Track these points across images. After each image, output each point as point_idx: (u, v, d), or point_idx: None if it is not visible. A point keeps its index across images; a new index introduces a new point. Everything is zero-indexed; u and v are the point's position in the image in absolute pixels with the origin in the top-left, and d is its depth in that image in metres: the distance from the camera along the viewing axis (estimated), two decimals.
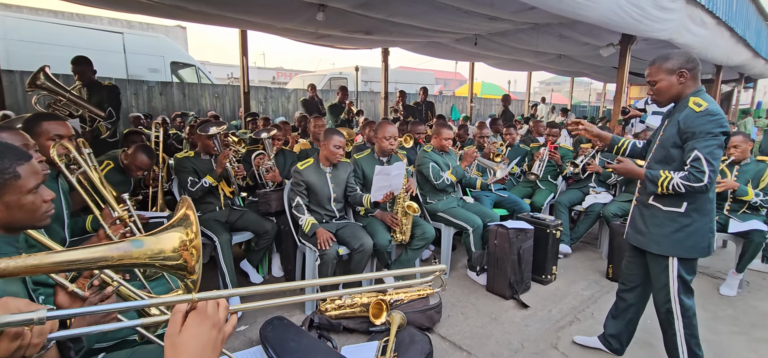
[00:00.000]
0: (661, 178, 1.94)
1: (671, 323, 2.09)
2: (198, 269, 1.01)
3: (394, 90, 9.56)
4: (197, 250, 1.00)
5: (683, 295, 2.05)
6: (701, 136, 1.85)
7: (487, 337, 2.71)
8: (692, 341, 2.07)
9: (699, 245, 1.98)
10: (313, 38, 6.53)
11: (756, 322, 2.94)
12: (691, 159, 1.86)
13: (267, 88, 10.42)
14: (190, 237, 1.00)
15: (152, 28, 11.03)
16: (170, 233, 0.99)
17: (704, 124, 1.85)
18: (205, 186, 3.11)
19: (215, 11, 4.91)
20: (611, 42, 5.68)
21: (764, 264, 3.77)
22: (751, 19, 6.72)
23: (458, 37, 6.58)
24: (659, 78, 2.01)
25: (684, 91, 1.99)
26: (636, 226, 2.18)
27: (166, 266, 0.99)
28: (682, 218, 1.98)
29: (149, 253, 0.95)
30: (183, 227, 1.01)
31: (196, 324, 0.78)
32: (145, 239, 0.96)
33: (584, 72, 11.22)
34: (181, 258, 0.98)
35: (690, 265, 2.05)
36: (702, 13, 4.93)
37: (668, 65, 1.98)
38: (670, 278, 2.05)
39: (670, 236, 2.00)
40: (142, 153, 3.00)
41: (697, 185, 1.84)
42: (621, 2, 3.89)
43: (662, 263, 2.06)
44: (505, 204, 4.14)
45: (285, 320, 2.48)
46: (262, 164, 3.50)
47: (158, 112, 7.58)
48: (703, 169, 1.83)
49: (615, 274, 3.56)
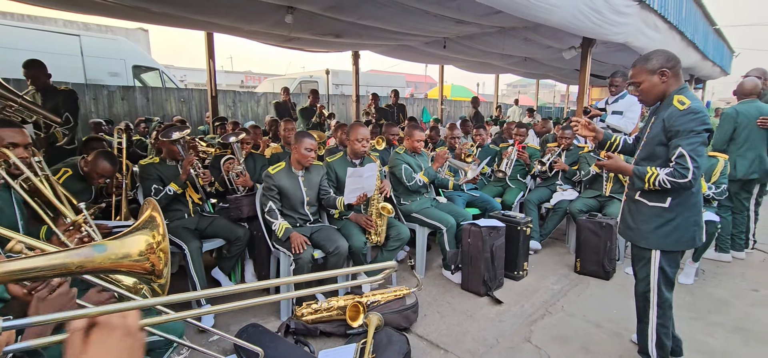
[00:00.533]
0: (647, 174, 1.98)
1: (646, 311, 2.19)
2: (166, 273, 0.98)
3: (365, 93, 9.58)
4: (165, 253, 0.96)
5: (663, 286, 2.12)
6: (685, 134, 1.89)
7: (463, 334, 2.75)
8: (662, 330, 2.17)
9: (682, 238, 2.05)
10: (283, 41, 6.45)
11: (711, 307, 3.12)
12: (676, 156, 1.90)
13: (236, 92, 10.20)
14: (157, 240, 0.96)
15: (112, 31, 10.57)
16: (135, 236, 0.95)
17: (688, 123, 1.89)
18: (170, 194, 3.01)
19: (180, 13, 4.76)
20: (573, 45, 5.91)
21: (717, 253, 4.01)
22: (698, 23, 7.17)
23: (428, 41, 6.67)
24: (642, 79, 2.05)
25: (668, 89, 2.03)
26: (626, 221, 2.25)
27: (132, 271, 0.95)
28: (667, 213, 2.04)
29: (113, 257, 0.91)
30: (149, 229, 0.97)
31: (103, 339, 0.68)
32: (109, 243, 0.92)
33: (549, 74, 11.62)
34: (148, 262, 0.95)
35: (672, 258, 2.12)
36: (655, 17, 5.22)
37: (649, 66, 2.03)
38: (652, 270, 2.13)
39: (656, 230, 2.07)
40: (103, 159, 2.86)
41: (682, 181, 1.88)
42: (581, 7, 4.06)
43: (646, 255, 2.14)
44: (477, 203, 4.23)
45: (260, 327, 2.43)
46: (231, 169, 3.41)
47: (120, 118, 7.28)
48: (688, 165, 1.87)
49: (583, 268, 3.70)
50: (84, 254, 0.88)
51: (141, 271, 0.96)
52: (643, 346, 2.25)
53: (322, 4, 4.56)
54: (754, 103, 3.85)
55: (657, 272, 2.12)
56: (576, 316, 2.99)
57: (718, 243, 3.99)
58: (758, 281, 3.58)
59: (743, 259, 4.07)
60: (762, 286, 3.49)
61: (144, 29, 12.18)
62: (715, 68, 9.30)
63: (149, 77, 9.16)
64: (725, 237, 3.98)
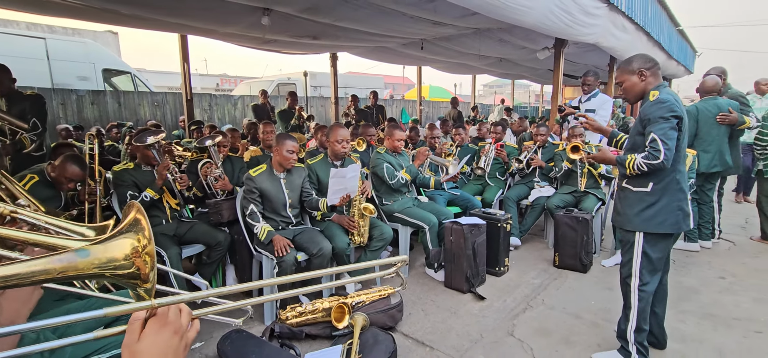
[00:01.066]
0: (627, 160, 2.17)
1: (628, 295, 2.29)
2: (152, 277, 0.96)
3: (344, 95, 9.56)
4: (151, 257, 0.94)
5: (645, 271, 2.23)
6: (655, 121, 2.09)
7: (448, 331, 2.78)
8: (641, 316, 2.26)
9: (666, 221, 2.17)
10: (259, 43, 6.37)
11: (682, 296, 3.26)
12: (649, 141, 2.09)
13: (212, 96, 10.00)
14: (143, 243, 0.94)
15: (79, 34, 10.19)
16: (120, 240, 0.93)
17: (656, 111, 2.10)
18: (146, 200, 2.93)
19: (151, 15, 4.64)
20: (546, 46, 6.08)
21: (686, 243, 4.19)
22: (663, 24, 7.48)
23: (405, 42, 6.72)
24: (624, 78, 2.27)
25: (647, 87, 2.22)
26: (616, 208, 2.40)
27: (117, 275, 0.92)
28: (649, 197, 2.19)
29: (97, 262, 0.88)
30: (134, 232, 0.95)
31: (155, 331, 0.74)
32: (92, 247, 0.90)
33: (523, 74, 11.89)
34: (134, 266, 0.93)
35: (655, 242, 2.22)
36: (623, 19, 5.43)
37: (630, 67, 2.25)
38: (635, 254, 2.25)
39: (639, 214, 2.21)
40: (71, 163, 2.76)
41: (655, 161, 2.05)
42: (553, 8, 4.19)
43: (630, 238, 2.27)
44: (458, 202, 4.28)
45: (244, 333, 2.39)
46: (209, 173, 3.35)
47: (90, 124, 7.03)
48: (659, 148, 2.04)
49: (561, 262, 3.80)
50: (67, 259, 0.86)
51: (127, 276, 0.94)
52: (622, 329, 2.34)
53: (299, 5, 4.54)
54: (714, 101, 4.05)
55: (640, 255, 2.23)
56: (556, 308, 3.07)
57: (687, 234, 4.17)
58: (724, 269, 3.76)
59: (710, 248, 4.27)
60: (728, 274, 3.66)
61: (113, 32, 11.80)
62: (679, 67, 9.71)
63: (120, 81, 8.88)
64: (693, 228, 4.16)
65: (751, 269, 3.75)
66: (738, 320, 2.87)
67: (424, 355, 2.53)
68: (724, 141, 4.01)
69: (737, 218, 5.38)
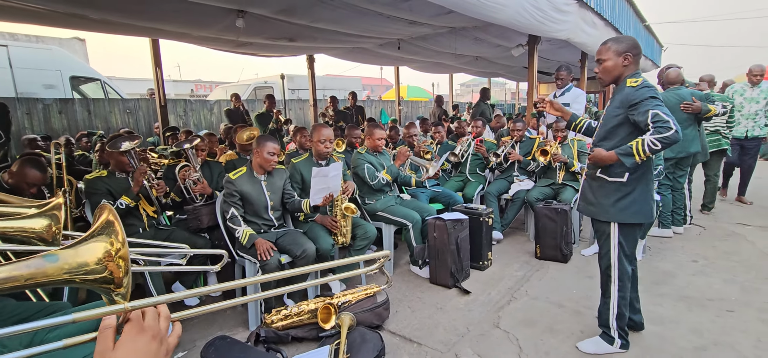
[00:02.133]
0: (633, 146, 2.05)
1: (609, 286, 2.34)
2: (127, 282, 0.92)
3: (322, 97, 9.50)
4: (125, 260, 0.90)
5: (624, 259, 2.28)
6: (646, 102, 2.04)
7: (434, 326, 2.79)
8: (622, 302, 2.33)
9: (641, 210, 2.21)
10: (234, 46, 6.27)
11: (658, 280, 3.37)
12: (651, 118, 2.00)
13: (186, 101, 9.76)
14: (116, 246, 0.90)
15: (43, 41, 9.79)
16: (91, 243, 0.89)
17: (645, 93, 2.06)
18: (122, 207, 2.84)
19: (121, 19, 4.51)
20: (520, 43, 6.20)
21: (660, 229, 4.34)
22: (630, 20, 7.72)
23: (382, 42, 6.73)
24: (607, 57, 2.20)
25: (625, 72, 2.19)
26: (586, 198, 2.39)
27: (89, 281, 0.88)
28: (625, 188, 2.20)
29: (67, 268, 0.84)
30: (106, 235, 0.91)
31: (132, 338, 0.68)
32: (62, 252, 0.85)
33: (499, 72, 12.08)
34: (107, 270, 0.89)
35: (629, 231, 2.27)
36: (592, 15, 5.58)
37: (619, 46, 2.18)
38: (612, 244, 2.28)
39: (615, 204, 2.23)
40: (29, 167, 2.64)
41: (668, 133, 1.96)
42: (525, 5, 4.28)
43: (606, 230, 2.30)
44: (440, 198, 4.31)
45: (228, 339, 2.34)
46: (188, 177, 3.27)
47: (59, 133, 6.75)
48: (666, 119, 1.98)
49: (543, 253, 3.87)
50: (34, 265, 0.82)
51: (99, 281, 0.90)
52: (604, 319, 2.39)
53: (274, 7, 4.49)
54: (677, 91, 4.22)
55: (617, 246, 2.28)
56: (539, 299, 3.13)
57: (661, 220, 4.32)
58: (696, 253, 3.91)
59: (682, 233, 4.43)
60: (700, 257, 3.81)
61: (80, 38, 11.40)
62: (647, 61, 10.06)
63: (89, 88, 8.56)
64: (666, 214, 4.31)
65: (721, 252, 3.91)
66: (711, 301, 2.99)
67: (412, 351, 2.54)
68: (687, 129, 4.17)
69: None
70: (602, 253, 2.36)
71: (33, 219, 1.45)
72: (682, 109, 4.12)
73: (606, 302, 2.38)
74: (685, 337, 2.55)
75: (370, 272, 1.18)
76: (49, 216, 1.48)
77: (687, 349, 2.43)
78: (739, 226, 4.66)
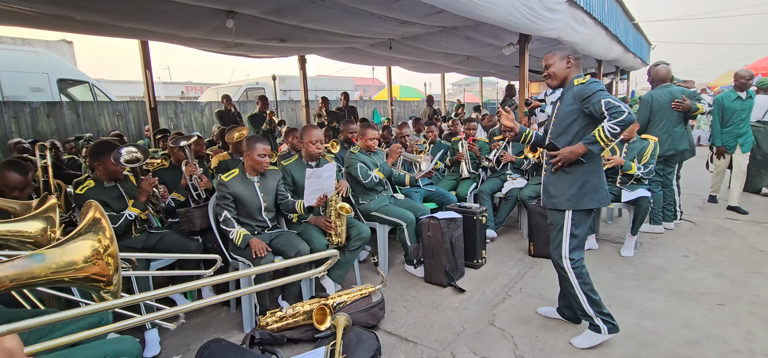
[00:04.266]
0: (595, 134, 2.21)
1: (566, 278, 2.42)
2: (116, 279, 0.90)
3: (315, 98, 9.46)
4: (114, 257, 0.89)
5: (573, 252, 2.38)
6: (596, 93, 2.21)
7: (430, 325, 2.79)
8: (586, 288, 2.40)
9: (596, 196, 2.35)
10: (225, 48, 6.21)
11: (651, 275, 3.41)
12: (604, 106, 2.16)
13: (177, 103, 9.66)
14: (105, 244, 0.88)
15: (29, 43, 9.63)
16: (79, 242, 0.87)
17: (594, 86, 2.24)
18: (131, 219, 2.81)
19: (109, 21, 4.44)
20: (511, 42, 6.23)
21: (651, 225, 4.39)
22: (620, 19, 7.81)
23: (373, 42, 6.72)
24: (553, 61, 2.41)
25: (570, 74, 2.40)
26: (548, 191, 2.49)
27: (78, 279, 0.86)
28: (582, 176, 2.34)
29: (54, 267, 0.82)
30: (94, 233, 0.89)
31: None
32: (48, 251, 0.84)
33: (490, 71, 12.13)
34: (96, 268, 0.87)
35: (584, 219, 2.38)
36: (582, 14, 5.63)
37: (559, 53, 2.42)
38: (564, 234, 2.39)
39: (576, 193, 2.34)
40: (10, 170, 2.57)
41: (625, 116, 2.11)
42: (516, 4, 4.29)
43: (561, 219, 2.39)
44: (434, 197, 4.32)
45: (223, 342, 2.31)
46: (194, 172, 3.29)
47: (47, 137, 6.64)
48: (617, 105, 2.13)
49: (536, 251, 3.89)
50: (21, 265, 0.80)
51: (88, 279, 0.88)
52: (581, 311, 2.44)
53: (264, 7, 4.45)
54: (667, 88, 4.26)
55: (568, 237, 2.38)
56: (534, 296, 3.14)
57: (652, 217, 4.37)
58: (687, 248, 3.95)
59: (673, 229, 4.49)
60: (691, 252, 3.86)
61: (67, 41, 11.23)
62: (636, 60, 10.18)
63: (78, 91, 8.44)
64: (657, 211, 4.36)
65: (711, 247, 3.96)
66: (702, 295, 3.03)
67: (408, 351, 2.53)
68: (676, 127, 4.22)
69: (696, 200, 5.67)
70: (554, 245, 2.45)
71: (28, 222, 1.42)
72: (673, 107, 4.17)
73: (573, 294, 2.43)
74: (678, 331, 2.58)
75: (318, 274, 1.18)
76: (45, 219, 1.45)
77: (680, 343, 2.46)
78: (728, 220, 4.73)
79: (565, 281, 2.45)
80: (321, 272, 1.12)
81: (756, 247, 3.88)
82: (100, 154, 2.85)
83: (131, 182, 3.03)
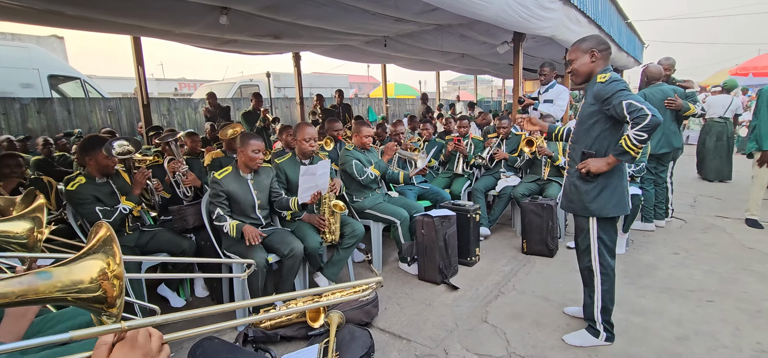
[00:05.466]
0: (623, 144, 2.09)
1: (592, 280, 2.38)
2: (120, 303, 0.90)
3: (309, 95, 9.43)
4: (120, 280, 0.88)
5: (605, 254, 2.32)
6: (617, 94, 2.08)
7: (423, 322, 2.80)
8: (607, 296, 2.36)
9: (619, 203, 2.26)
10: (218, 44, 6.17)
11: (642, 272, 3.44)
12: (626, 109, 2.03)
13: (170, 100, 9.58)
14: (113, 267, 0.88)
15: (20, 38, 9.50)
16: (87, 261, 0.86)
17: (614, 86, 2.09)
18: (125, 212, 2.78)
19: (100, 16, 4.39)
20: (505, 40, 6.25)
21: (643, 223, 4.43)
22: (613, 18, 7.86)
23: (368, 40, 6.71)
24: (576, 56, 2.25)
25: (595, 69, 2.23)
26: (568, 196, 2.42)
27: (81, 299, 0.86)
28: (603, 182, 2.24)
29: (60, 285, 0.82)
30: (103, 254, 0.89)
31: (124, 355, 0.72)
32: (55, 270, 0.83)
33: (485, 69, 12.17)
34: (101, 289, 0.87)
35: (609, 225, 2.30)
36: (576, 12, 5.66)
37: (583, 45, 2.24)
38: (591, 239, 2.32)
39: (595, 199, 2.26)
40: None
41: (647, 119, 1.98)
42: (511, 3, 4.31)
43: (585, 225, 2.33)
44: (428, 195, 4.33)
45: (216, 340, 2.31)
46: (177, 169, 3.23)
47: (37, 133, 6.56)
48: (640, 107, 2.00)
49: (529, 248, 3.92)
50: (26, 282, 0.80)
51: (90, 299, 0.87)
52: (589, 313, 2.43)
53: (259, 4, 4.43)
54: (659, 87, 4.30)
55: (597, 241, 2.31)
56: (526, 293, 3.17)
57: (643, 214, 4.41)
58: (678, 245, 4.00)
59: (664, 227, 4.54)
60: (681, 249, 3.90)
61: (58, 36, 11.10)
62: (629, 59, 10.25)
63: (69, 88, 8.34)
64: (649, 208, 4.40)
65: (701, 244, 4.01)
66: (692, 292, 3.06)
67: (401, 348, 2.54)
68: (669, 125, 4.26)
69: (687, 198, 5.74)
70: (582, 248, 2.40)
71: (15, 222, 1.40)
72: (665, 105, 4.20)
73: (591, 296, 2.41)
74: (668, 327, 2.61)
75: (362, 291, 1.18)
76: (32, 219, 1.43)
77: (669, 339, 2.49)
78: (718, 218, 4.79)
79: (590, 283, 2.39)
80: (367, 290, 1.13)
81: (745, 244, 3.94)
82: (91, 149, 2.81)
83: (123, 179, 3.00)
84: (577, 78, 2.30)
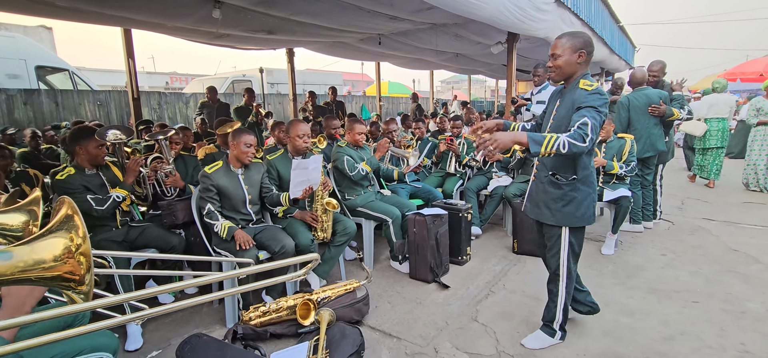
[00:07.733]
0: (546, 138, 1.95)
1: (557, 282, 2.37)
2: (89, 279, 0.87)
3: (302, 92, 9.38)
4: (86, 257, 0.86)
5: (571, 261, 2.31)
6: (590, 108, 1.97)
7: (414, 321, 2.81)
8: (568, 298, 2.38)
9: (586, 214, 2.21)
10: (211, 38, 6.11)
11: (630, 273, 3.48)
12: (580, 122, 1.93)
13: (161, 94, 9.46)
14: (77, 242, 0.85)
15: (6, 28, 9.32)
16: (49, 240, 0.84)
17: (595, 100, 1.99)
18: (119, 200, 2.74)
19: (91, 7, 4.32)
20: (499, 41, 6.28)
21: (631, 225, 4.48)
22: (605, 21, 7.94)
23: (362, 37, 6.70)
24: (561, 52, 2.11)
25: (578, 71, 2.13)
26: (533, 200, 2.38)
27: (46, 278, 0.83)
28: (572, 192, 2.19)
29: (22, 265, 0.79)
30: (66, 230, 0.86)
31: None
32: (16, 249, 0.81)
33: (479, 69, 12.21)
34: (66, 267, 0.84)
35: (579, 234, 2.29)
36: (570, 14, 5.70)
37: (573, 43, 2.09)
38: (562, 246, 2.30)
39: (562, 209, 2.21)
40: None
41: (581, 144, 1.91)
42: (506, 3, 4.33)
43: (556, 232, 2.29)
44: (420, 194, 4.33)
45: (204, 337, 2.29)
46: (160, 169, 3.17)
47: (24, 125, 6.45)
48: (588, 133, 1.91)
49: (520, 248, 3.94)
50: None
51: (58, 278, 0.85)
52: (551, 315, 2.43)
53: None
54: (644, 91, 4.35)
55: (567, 248, 2.28)
56: (517, 292, 3.19)
57: (632, 216, 4.46)
58: (665, 247, 4.05)
59: (652, 228, 4.59)
60: (668, 251, 3.95)
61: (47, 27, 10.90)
62: (621, 62, 10.36)
63: (57, 79, 8.20)
64: (637, 210, 4.45)
65: (688, 246, 4.07)
66: (678, 293, 3.11)
67: (391, 346, 2.54)
68: (653, 129, 4.31)
69: (675, 200, 5.81)
70: (551, 253, 2.34)
71: (10, 214, 1.37)
72: (649, 112, 4.26)
73: (554, 301, 2.40)
74: (655, 328, 2.65)
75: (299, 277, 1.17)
76: (27, 212, 1.40)
77: (656, 339, 2.52)
78: (705, 221, 4.86)
79: (554, 285, 2.38)
80: (302, 276, 1.10)
81: (730, 246, 4.00)
82: (83, 137, 2.77)
83: (113, 172, 2.95)
84: (558, 75, 2.17)
